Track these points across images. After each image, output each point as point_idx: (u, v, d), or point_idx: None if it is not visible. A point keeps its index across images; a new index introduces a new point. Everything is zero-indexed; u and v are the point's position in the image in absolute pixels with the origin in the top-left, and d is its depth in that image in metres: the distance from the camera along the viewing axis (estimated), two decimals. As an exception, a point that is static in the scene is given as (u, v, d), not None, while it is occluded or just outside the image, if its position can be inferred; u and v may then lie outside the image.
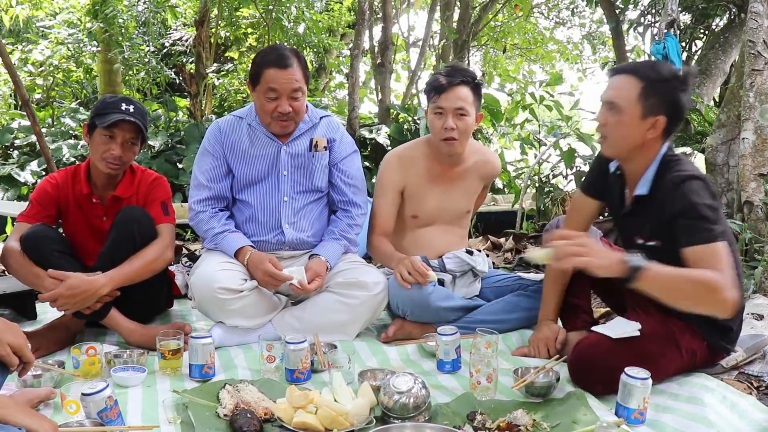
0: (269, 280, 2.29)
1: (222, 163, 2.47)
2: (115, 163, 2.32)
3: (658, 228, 1.90)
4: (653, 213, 1.92)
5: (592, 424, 1.65)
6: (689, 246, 1.79)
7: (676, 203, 1.83)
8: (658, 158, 1.94)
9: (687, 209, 1.80)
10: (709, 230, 1.77)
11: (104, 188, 2.42)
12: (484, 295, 2.63)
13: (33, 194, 2.43)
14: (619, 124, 1.90)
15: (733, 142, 3.81)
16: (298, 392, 1.70)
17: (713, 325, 1.95)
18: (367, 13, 6.93)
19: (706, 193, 1.83)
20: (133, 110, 2.30)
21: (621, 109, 1.89)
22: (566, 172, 5.12)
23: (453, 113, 2.43)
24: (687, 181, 1.84)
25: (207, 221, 2.43)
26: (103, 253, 2.29)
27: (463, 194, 2.70)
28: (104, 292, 2.17)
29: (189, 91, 8.07)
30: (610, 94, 1.92)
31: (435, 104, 2.46)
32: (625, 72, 1.93)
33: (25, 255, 2.21)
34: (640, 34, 5.65)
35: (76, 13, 9.04)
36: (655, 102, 1.87)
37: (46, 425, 1.28)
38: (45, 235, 2.26)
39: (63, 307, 2.16)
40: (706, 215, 1.79)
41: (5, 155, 6.74)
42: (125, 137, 2.31)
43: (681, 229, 1.81)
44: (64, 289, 2.12)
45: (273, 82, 2.32)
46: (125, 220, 2.28)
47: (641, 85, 1.87)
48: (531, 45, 11.47)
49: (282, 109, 2.34)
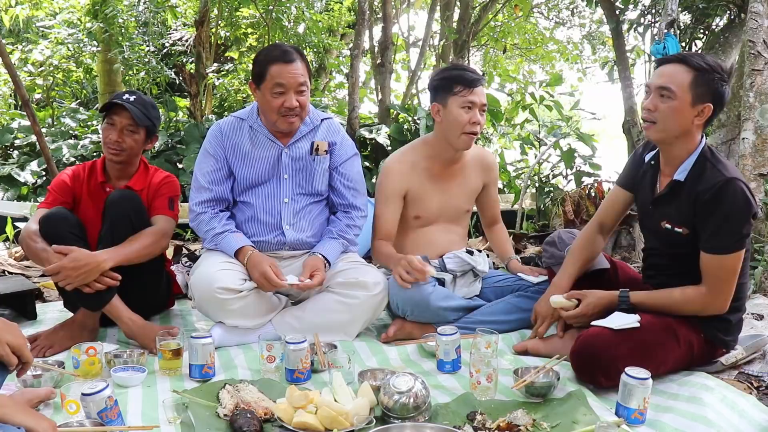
0: (264, 282, 2.29)
1: (223, 166, 2.47)
2: (115, 149, 2.42)
3: (688, 217, 1.98)
4: (687, 201, 1.99)
5: (592, 424, 1.65)
6: (708, 252, 1.95)
7: (714, 202, 1.91)
8: (699, 148, 2.02)
9: (720, 212, 1.91)
10: (732, 241, 1.92)
11: (118, 179, 2.52)
12: (484, 295, 2.63)
13: (51, 185, 2.55)
14: (670, 110, 1.96)
15: (733, 142, 3.81)
16: (298, 392, 1.70)
17: (710, 318, 2.03)
18: (367, 13, 6.92)
19: (745, 200, 1.91)
20: (133, 100, 2.42)
21: (674, 95, 1.95)
22: (566, 172, 5.12)
23: (480, 109, 2.51)
24: (727, 184, 1.91)
25: (207, 222, 2.43)
26: (103, 234, 2.32)
27: (463, 192, 2.71)
28: (106, 267, 2.20)
29: (189, 91, 8.06)
30: (663, 81, 1.98)
31: (465, 98, 2.49)
32: (676, 61, 2.00)
33: (40, 234, 2.27)
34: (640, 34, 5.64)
35: (76, 13, 9.02)
36: (704, 91, 1.94)
37: (45, 425, 1.28)
38: (63, 217, 2.32)
39: (66, 281, 2.18)
40: (734, 226, 1.91)
41: (5, 155, 6.73)
42: (123, 123, 2.42)
43: (706, 229, 1.94)
44: (68, 261, 2.16)
45: (279, 77, 2.32)
46: (117, 200, 2.34)
47: (693, 73, 1.94)
48: (531, 45, 11.46)
49: (289, 104, 2.34)
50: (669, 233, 2.04)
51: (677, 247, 2.03)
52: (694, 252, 1.99)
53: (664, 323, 2.01)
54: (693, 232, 1.98)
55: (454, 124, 2.51)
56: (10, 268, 3.54)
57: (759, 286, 2.98)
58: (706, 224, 1.94)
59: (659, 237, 2.12)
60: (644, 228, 2.30)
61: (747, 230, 1.94)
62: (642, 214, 2.24)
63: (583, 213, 4.27)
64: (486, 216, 2.92)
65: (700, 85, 1.94)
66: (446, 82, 2.53)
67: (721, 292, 1.97)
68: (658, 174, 2.14)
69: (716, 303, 1.98)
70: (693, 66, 1.95)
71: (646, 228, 2.27)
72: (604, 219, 2.35)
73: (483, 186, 2.78)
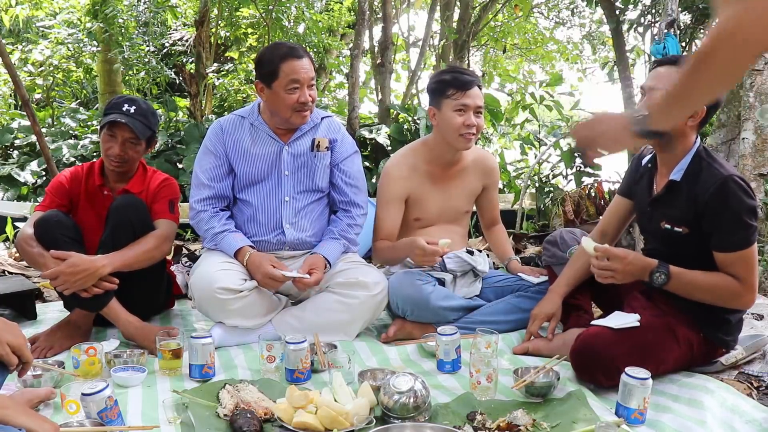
0: (269, 282, 2.30)
1: (223, 163, 2.47)
2: (116, 161, 2.41)
3: (688, 216, 1.98)
4: (685, 200, 1.99)
5: (592, 424, 1.65)
6: (723, 251, 1.93)
7: (719, 202, 1.91)
8: (694, 148, 2.03)
9: (729, 212, 1.90)
10: (745, 236, 1.91)
11: (116, 182, 2.50)
12: (484, 295, 2.63)
13: (48, 187, 2.53)
14: None
15: (733, 142, 3.82)
16: (298, 392, 1.70)
17: (710, 318, 2.03)
18: (367, 13, 6.92)
19: (746, 194, 1.92)
20: (134, 111, 2.38)
21: None
22: (566, 172, 5.12)
23: (474, 111, 2.50)
24: (727, 182, 1.91)
25: (207, 221, 2.43)
26: (104, 240, 2.32)
27: (463, 194, 2.71)
28: (104, 272, 2.20)
29: (189, 91, 8.05)
30: (659, 84, 1.98)
31: (457, 101, 2.49)
32: (670, 63, 2.02)
33: (35, 238, 2.26)
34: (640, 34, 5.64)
35: (76, 13, 9.03)
36: None
37: (46, 426, 1.28)
38: (58, 221, 2.31)
39: (64, 286, 2.17)
40: (745, 221, 1.90)
41: (5, 155, 6.73)
42: (124, 137, 2.39)
43: (718, 230, 1.93)
44: (66, 266, 2.15)
45: (294, 73, 2.33)
46: (120, 207, 2.33)
47: None
48: (531, 45, 11.46)
49: (304, 99, 2.36)
50: (669, 233, 2.04)
51: (678, 247, 2.03)
52: (694, 251, 1.99)
53: (664, 323, 2.01)
54: (693, 231, 1.98)
55: (448, 127, 2.52)
56: (10, 268, 3.54)
57: (759, 286, 2.98)
58: (716, 225, 1.92)
59: (659, 237, 2.12)
60: (644, 230, 2.30)
61: (754, 226, 1.94)
62: (641, 216, 2.24)
63: (583, 213, 4.27)
64: (485, 218, 2.92)
65: None
66: (440, 86, 2.55)
67: (753, 286, 1.95)
68: (654, 175, 2.14)
69: (751, 297, 1.96)
70: None
71: (645, 230, 2.26)
72: (606, 228, 2.36)
73: (482, 188, 2.78)
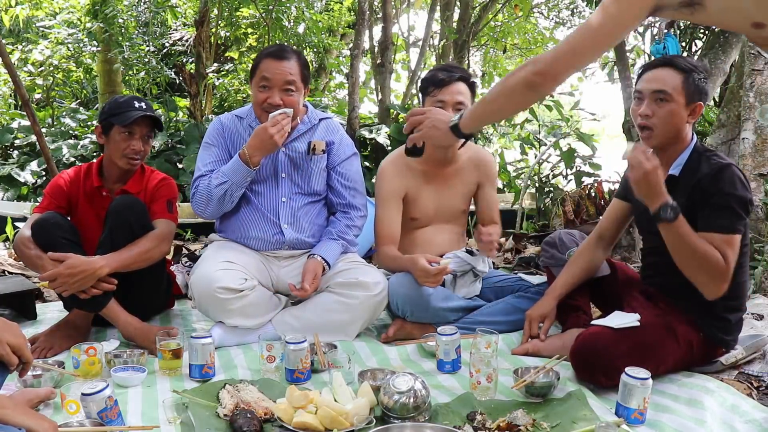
0: (269, 136, 2.25)
1: (225, 153, 2.47)
2: (136, 158, 2.43)
3: (686, 209, 1.96)
4: (684, 193, 1.99)
5: (592, 424, 1.65)
6: (708, 231, 1.91)
7: (712, 183, 1.93)
8: (692, 143, 2.06)
9: (720, 195, 1.92)
10: (732, 222, 1.91)
11: (114, 183, 2.50)
12: (484, 296, 2.63)
13: (46, 188, 2.53)
14: (668, 113, 2.00)
15: (733, 142, 3.81)
16: (298, 392, 1.70)
17: (710, 317, 2.03)
18: (367, 13, 6.92)
19: (742, 183, 1.94)
20: (146, 107, 2.42)
21: (671, 97, 1.99)
22: (566, 172, 5.12)
23: (453, 107, 2.46)
24: (726, 168, 1.94)
25: (206, 184, 2.38)
26: (102, 241, 2.32)
27: (458, 193, 2.71)
28: (102, 273, 2.20)
29: (189, 91, 8.05)
30: (658, 85, 2.00)
31: (435, 98, 2.48)
32: (662, 65, 2.04)
33: (33, 240, 2.26)
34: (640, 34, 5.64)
35: (76, 13, 9.02)
36: (693, 90, 2.00)
37: (45, 425, 1.28)
38: (55, 222, 2.31)
39: (62, 287, 2.18)
40: (735, 207, 1.91)
41: (5, 155, 6.73)
42: (143, 132, 2.43)
43: (707, 211, 1.93)
44: (64, 268, 2.15)
45: (266, 71, 2.34)
46: (119, 208, 2.33)
47: (682, 75, 1.99)
48: (531, 45, 11.45)
49: (272, 101, 2.34)
50: None
51: None
52: None
53: (664, 322, 2.01)
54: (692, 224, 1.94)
55: None
56: (10, 268, 3.54)
57: (759, 286, 2.98)
58: (706, 205, 1.94)
59: (658, 236, 2.11)
60: (643, 229, 2.30)
61: (744, 217, 1.94)
62: (639, 215, 2.23)
63: (583, 213, 4.27)
64: (483, 218, 2.85)
65: (690, 85, 1.99)
66: (423, 84, 2.58)
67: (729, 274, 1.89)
68: None
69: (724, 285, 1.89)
70: (681, 68, 2.00)
71: (644, 229, 2.26)
72: (604, 231, 2.37)
73: (478, 185, 2.74)
